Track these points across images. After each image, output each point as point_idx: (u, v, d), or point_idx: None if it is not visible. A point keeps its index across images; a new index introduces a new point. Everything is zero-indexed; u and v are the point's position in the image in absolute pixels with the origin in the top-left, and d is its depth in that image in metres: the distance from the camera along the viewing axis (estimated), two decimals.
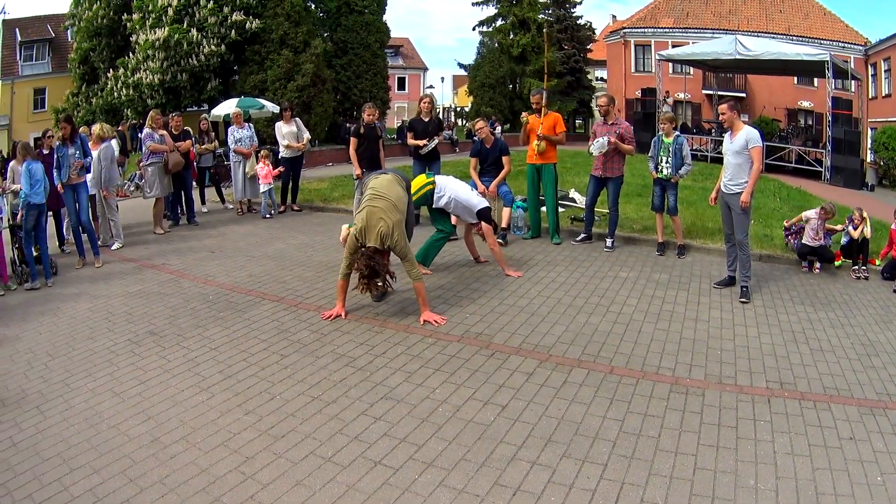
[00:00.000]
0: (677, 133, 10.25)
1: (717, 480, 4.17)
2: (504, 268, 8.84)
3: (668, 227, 10.56)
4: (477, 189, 9.71)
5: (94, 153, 10.54)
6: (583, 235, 10.86)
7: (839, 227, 10.10)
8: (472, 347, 6.29)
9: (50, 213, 10.11)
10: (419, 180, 8.72)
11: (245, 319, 7.12)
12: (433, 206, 8.79)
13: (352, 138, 11.29)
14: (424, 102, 11.63)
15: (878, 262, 9.94)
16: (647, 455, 4.44)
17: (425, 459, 4.33)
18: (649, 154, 10.37)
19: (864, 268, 9.70)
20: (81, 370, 5.89)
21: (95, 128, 11.55)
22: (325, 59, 29.01)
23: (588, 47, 55.22)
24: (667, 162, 9.98)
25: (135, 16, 27.36)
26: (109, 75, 28.70)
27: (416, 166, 11.46)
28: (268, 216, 13.50)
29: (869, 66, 36.31)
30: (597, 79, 59.05)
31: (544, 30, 42.10)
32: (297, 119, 14.38)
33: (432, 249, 8.94)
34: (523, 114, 10.93)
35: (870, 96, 34.77)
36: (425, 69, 70.82)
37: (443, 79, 73.27)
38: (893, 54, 32.89)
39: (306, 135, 14.23)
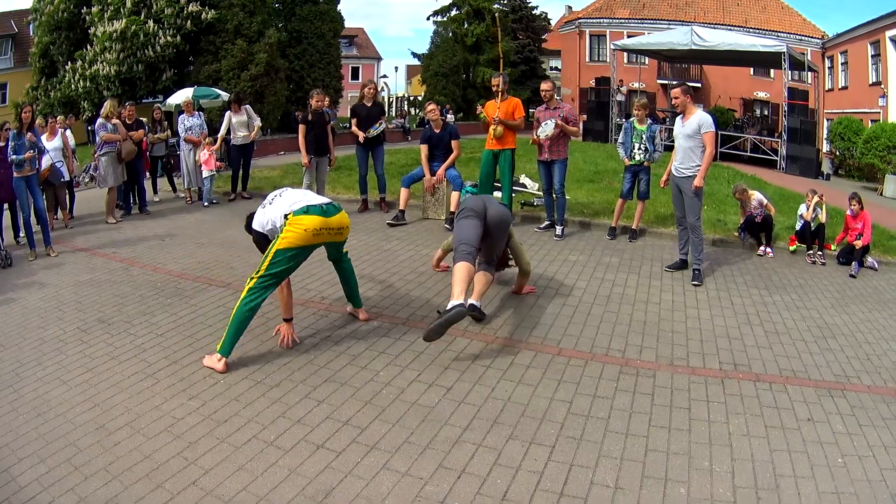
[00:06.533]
0: (650, 120, 10.26)
1: (669, 462, 4.12)
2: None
3: (625, 214, 10.61)
4: (427, 176, 10.13)
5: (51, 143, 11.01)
6: (547, 223, 10.80)
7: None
8: (418, 330, 6.18)
9: (5, 204, 10.05)
10: None
11: (192, 305, 7.01)
12: None
13: (300, 125, 11.34)
14: (368, 88, 11.85)
15: (833, 248, 10.08)
16: (597, 437, 4.39)
17: (368, 442, 4.26)
18: (620, 140, 10.42)
19: (819, 252, 9.83)
20: (31, 359, 5.75)
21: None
22: (279, 48, 29.17)
23: (543, 37, 55.67)
24: (639, 148, 10.03)
25: (94, 8, 27.62)
26: (68, 68, 28.62)
27: (359, 152, 11.77)
28: (206, 204, 13.40)
29: (826, 59, 36.89)
30: (551, 68, 59.22)
31: (496, 15, 41.93)
32: (248, 106, 14.15)
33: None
34: (478, 107, 10.94)
35: (826, 88, 35.23)
36: (379, 59, 70.43)
37: (396, 68, 73.73)
38: (850, 48, 33.40)
39: (257, 122, 14.01)
